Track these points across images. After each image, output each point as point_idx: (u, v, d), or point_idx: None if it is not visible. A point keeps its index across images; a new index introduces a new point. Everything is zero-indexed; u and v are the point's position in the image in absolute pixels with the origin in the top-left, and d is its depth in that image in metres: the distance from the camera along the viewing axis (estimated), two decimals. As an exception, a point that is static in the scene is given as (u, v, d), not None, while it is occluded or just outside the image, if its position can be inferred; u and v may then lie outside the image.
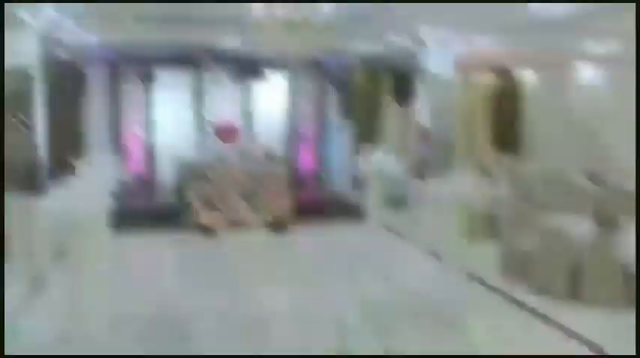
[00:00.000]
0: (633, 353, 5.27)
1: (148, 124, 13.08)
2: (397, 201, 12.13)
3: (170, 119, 13.26)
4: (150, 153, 13.15)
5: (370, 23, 7.96)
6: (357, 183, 13.82)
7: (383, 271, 8.34)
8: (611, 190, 10.21)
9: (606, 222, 7.16)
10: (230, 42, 10.85)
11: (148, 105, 13.02)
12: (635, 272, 6.41)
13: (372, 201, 9.26)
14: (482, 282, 7.58)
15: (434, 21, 8.05)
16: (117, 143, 12.85)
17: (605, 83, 13.08)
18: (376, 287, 7.65)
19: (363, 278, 8.04)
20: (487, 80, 14.80)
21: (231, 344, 5.74)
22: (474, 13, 6.93)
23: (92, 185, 5.34)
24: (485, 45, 9.52)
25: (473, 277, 7.22)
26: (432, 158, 9.62)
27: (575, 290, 6.91)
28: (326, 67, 10.05)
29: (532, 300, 6.96)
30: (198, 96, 13.36)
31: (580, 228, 7.32)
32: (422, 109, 9.69)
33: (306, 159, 14.48)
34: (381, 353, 5.65)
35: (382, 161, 9.00)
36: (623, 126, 12.40)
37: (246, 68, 9.90)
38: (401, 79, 10.01)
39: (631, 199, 9.46)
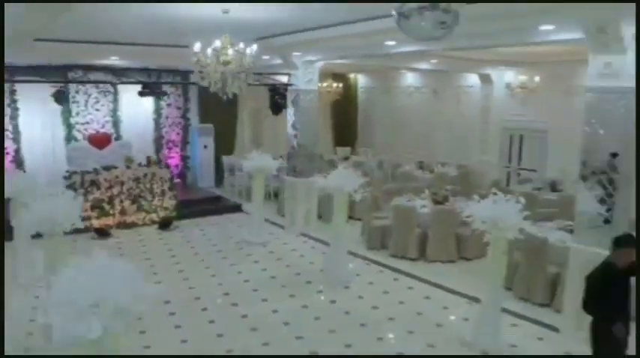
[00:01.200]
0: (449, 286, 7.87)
1: (16, 136, 13.12)
2: (274, 194, 13.85)
3: (39, 130, 13.43)
4: (20, 165, 13.19)
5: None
6: (220, 180, 15.42)
7: (266, 251, 10.18)
8: (438, 176, 13.10)
9: (439, 200, 9.71)
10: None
11: (14, 117, 13.05)
12: (463, 235, 8.95)
13: (253, 195, 10.84)
14: (352, 253, 9.69)
15: (304, 49, 9.95)
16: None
17: (426, 88, 16.14)
18: (264, 263, 9.46)
19: (252, 258, 9.77)
20: (329, 87, 17.22)
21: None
22: (339, 47, 8.98)
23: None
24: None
25: (344, 249, 9.20)
26: (299, 157, 11.43)
27: (423, 252, 9.35)
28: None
29: (392, 262, 9.28)
30: (67, 106, 13.65)
31: (421, 205, 9.81)
32: (291, 117, 11.53)
33: (173, 161, 15.59)
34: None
35: (260, 160, 10.61)
36: (442, 122, 15.47)
37: (148, 86, 10.86)
38: (276, 93, 11.81)
39: (455, 180, 12.26)
